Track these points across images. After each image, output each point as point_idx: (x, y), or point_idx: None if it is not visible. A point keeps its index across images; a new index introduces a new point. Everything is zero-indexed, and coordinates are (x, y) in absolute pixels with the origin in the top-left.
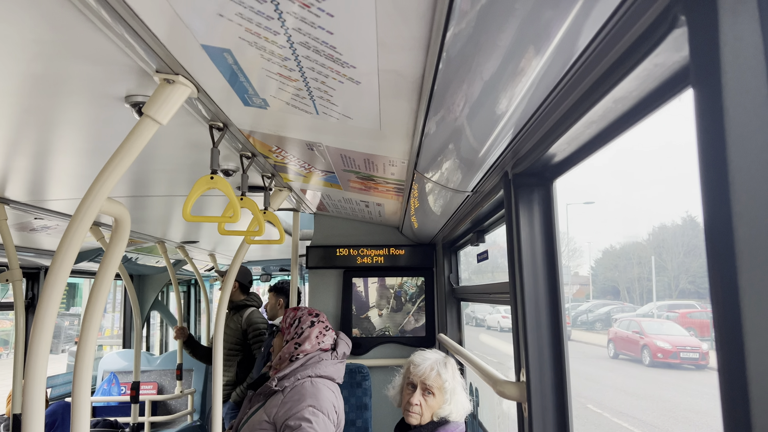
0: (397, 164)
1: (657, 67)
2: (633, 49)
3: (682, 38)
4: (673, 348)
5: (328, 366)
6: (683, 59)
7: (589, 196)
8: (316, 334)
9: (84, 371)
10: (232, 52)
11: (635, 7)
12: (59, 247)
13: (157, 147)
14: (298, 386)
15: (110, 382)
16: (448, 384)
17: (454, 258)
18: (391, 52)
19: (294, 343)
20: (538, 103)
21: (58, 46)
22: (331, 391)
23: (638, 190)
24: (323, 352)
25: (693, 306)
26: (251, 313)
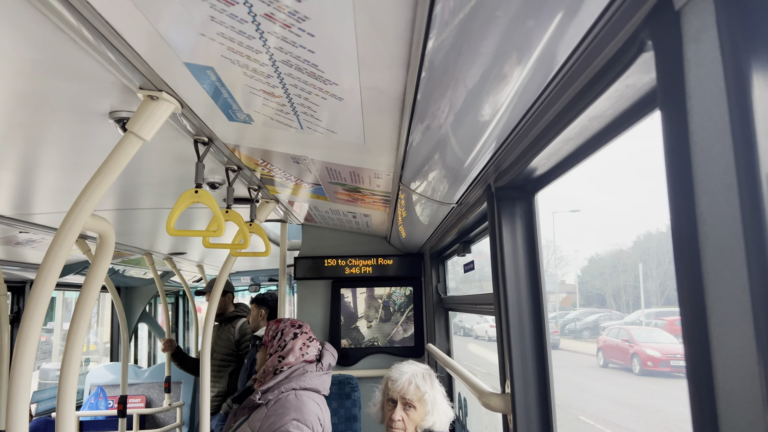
0: (383, 176)
1: (628, 88)
2: (605, 69)
3: (650, 62)
4: (663, 356)
5: (312, 378)
6: (652, 81)
7: (576, 204)
8: (299, 346)
9: (69, 385)
10: (215, 70)
11: (607, 29)
12: (44, 262)
13: (143, 161)
14: (282, 399)
15: (97, 395)
16: (428, 395)
17: (442, 268)
18: (372, 71)
19: (277, 357)
20: (518, 118)
21: (40, 64)
22: (315, 403)
23: (624, 198)
24: (308, 364)
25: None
26: (243, 324)
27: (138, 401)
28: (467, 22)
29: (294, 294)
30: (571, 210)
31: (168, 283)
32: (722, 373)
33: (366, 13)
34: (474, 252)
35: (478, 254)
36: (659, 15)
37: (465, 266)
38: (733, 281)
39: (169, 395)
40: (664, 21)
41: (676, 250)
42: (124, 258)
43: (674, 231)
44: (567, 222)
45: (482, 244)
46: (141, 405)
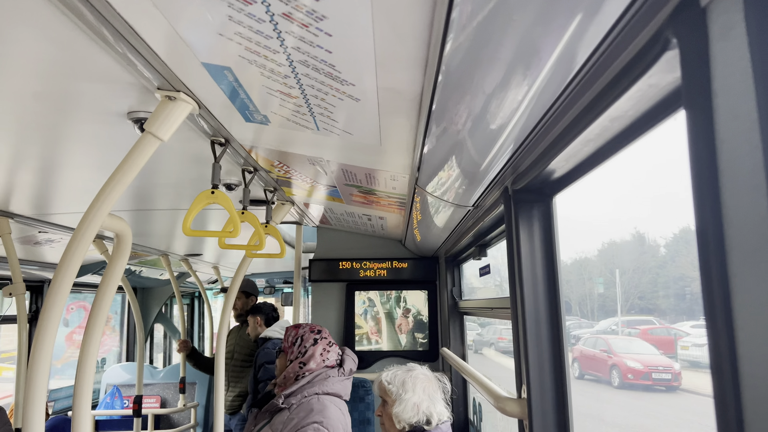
0: (399, 179)
1: (651, 88)
2: (627, 69)
3: (674, 60)
4: (645, 368)
5: (335, 383)
6: (676, 80)
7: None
8: (320, 352)
9: (85, 385)
10: (233, 70)
11: (629, 28)
12: (61, 261)
13: (160, 162)
14: (304, 403)
15: (113, 395)
16: (392, 386)
17: (457, 272)
18: (390, 71)
19: (298, 363)
20: (537, 119)
21: (61, 64)
22: (338, 408)
23: (589, 207)
24: (330, 369)
25: (651, 322)
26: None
27: (153, 401)
28: (485, 24)
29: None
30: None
31: (184, 285)
32: (750, 379)
33: (384, 13)
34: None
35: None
36: (684, 12)
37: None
38: (761, 284)
39: (184, 396)
40: (689, 18)
41: (701, 253)
42: (141, 259)
43: (699, 233)
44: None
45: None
46: (156, 405)
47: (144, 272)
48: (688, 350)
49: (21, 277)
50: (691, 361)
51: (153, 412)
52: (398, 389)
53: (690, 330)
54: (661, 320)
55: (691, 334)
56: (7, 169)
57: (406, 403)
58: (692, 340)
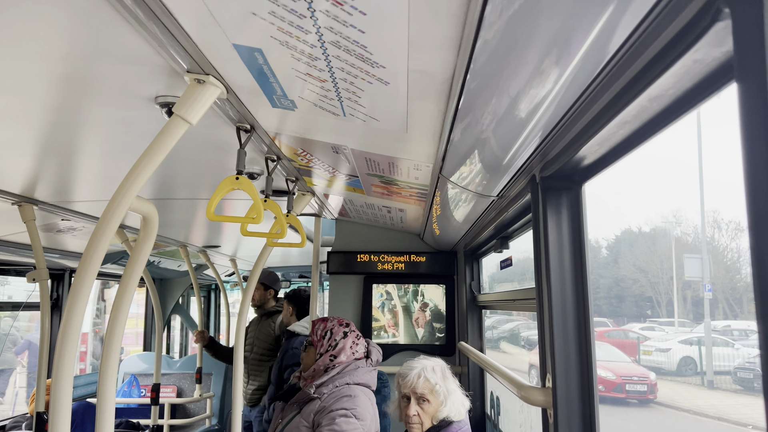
0: (422, 168)
1: (696, 63)
2: (671, 45)
3: (724, 32)
4: (618, 378)
5: (364, 373)
6: (725, 54)
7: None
8: (350, 345)
9: (109, 373)
10: (263, 52)
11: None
12: (88, 246)
13: (181, 149)
14: (336, 392)
15: (131, 384)
16: (439, 386)
17: (476, 266)
18: (422, 52)
19: (329, 356)
20: (569, 104)
21: (91, 46)
22: (367, 398)
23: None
24: (358, 360)
25: (605, 324)
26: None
27: (169, 391)
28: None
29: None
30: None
31: (201, 276)
32: None
33: None
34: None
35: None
36: None
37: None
38: None
39: (200, 386)
40: None
41: (754, 241)
42: (160, 249)
43: (752, 219)
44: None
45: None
46: (172, 394)
47: (162, 263)
48: (651, 355)
49: (44, 263)
50: (655, 367)
51: (169, 401)
52: (444, 389)
53: (641, 332)
54: (614, 322)
55: (651, 338)
56: (32, 155)
57: (453, 402)
58: (655, 344)
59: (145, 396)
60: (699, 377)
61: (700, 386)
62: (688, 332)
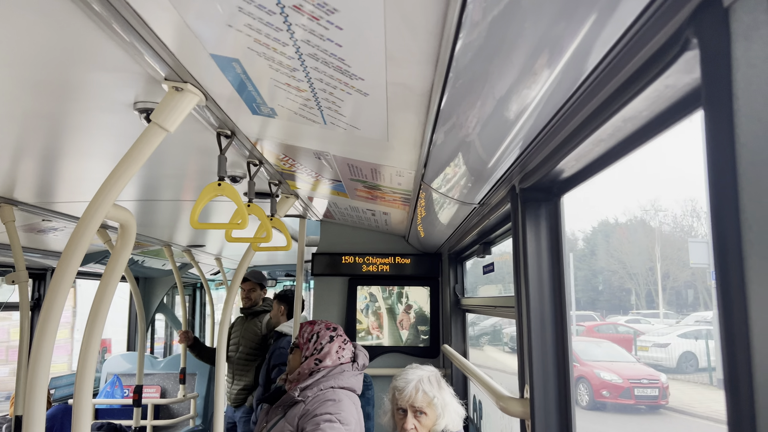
0: (404, 174)
1: (668, 89)
2: (643, 69)
3: (693, 61)
4: (625, 382)
5: (349, 377)
6: (694, 81)
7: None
8: (336, 349)
9: (87, 374)
10: (241, 62)
11: (647, 27)
12: (65, 250)
13: (165, 152)
14: (320, 395)
15: (113, 384)
16: (437, 399)
17: (460, 269)
18: (400, 66)
19: (314, 359)
20: (547, 119)
21: (68, 53)
22: (352, 403)
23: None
24: (344, 364)
25: (592, 318)
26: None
27: (153, 391)
28: (500, 20)
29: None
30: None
31: (186, 275)
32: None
33: (397, 6)
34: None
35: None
36: (706, 12)
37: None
38: None
39: (184, 386)
40: (711, 18)
41: (717, 258)
42: (144, 249)
43: (716, 238)
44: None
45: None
46: (156, 395)
47: (146, 262)
48: (648, 351)
49: (24, 265)
50: (653, 364)
51: (153, 401)
52: (441, 400)
53: (630, 325)
54: (600, 315)
55: (646, 332)
56: (11, 157)
57: (450, 413)
58: (651, 339)
59: (128, 396)
60: (705, 374)
61: (708, 385)
62: (692, 325)
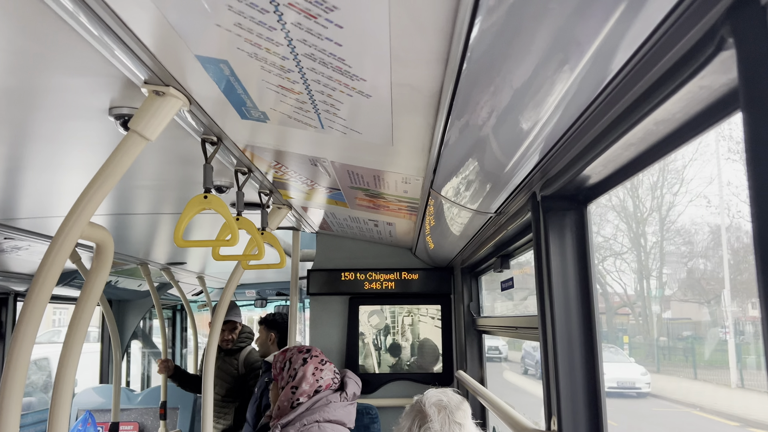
0: (411, 182)
1: (703, 90)
2: (675, 69)
3: (730, 61)
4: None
5: (337, 409)
6: (731, 82)
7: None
8: (311, 371)
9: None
10: (229, 63)
11: (679, 24)
12: (38, 273)
13: (142, 161)
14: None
15: (85, 421)
16: None
17: (475, 284)
18: (406, 66)
19: (290, 388)
20: (571, 120)
21: (37, 56)
22: None
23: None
24: (332, 394)
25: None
26: (249, 354)
27: (130, 428)
28: (516, 13)
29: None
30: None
31: (165, 296)
32: None
33: (402, 2)
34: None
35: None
36: (741, 10)
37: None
38: None
39: (165, 423)
40: (747, 16)
41: (760, 267)
42: (118, 268)
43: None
44: None
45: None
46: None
47: (120, 282)
48: None
49: None
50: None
51: None
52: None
53: None
54: None
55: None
56: None
57: None
58: None
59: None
60: None
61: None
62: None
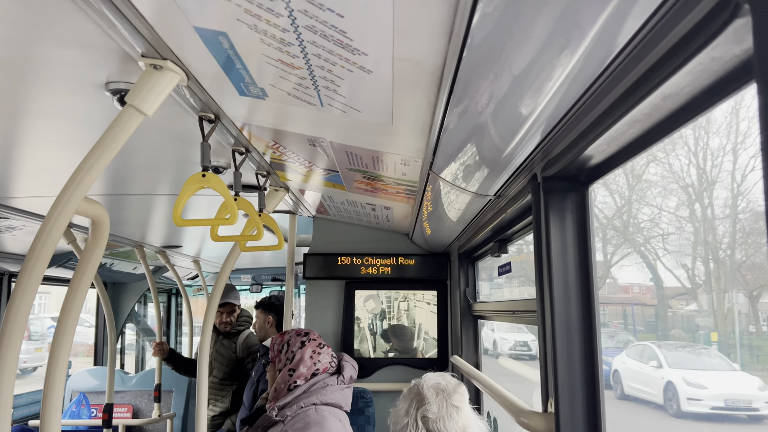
0: (410, 163)
1: (714, 61)
2: (686, 40)
3: (744, 29)
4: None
5: (334, 392)
6: (745, 53)
7: None
8: (309, 354)
9: (55, 392)
10: (228, 36)
11: None
12: (30, 252)
13: (137, 140)
14: (301, 414)
15: (79, 403)
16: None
17: (472, 270)
18: (409, 39)
19: (288, 371)
20: (574, 99)
21: (29, 27)
22: (338, 420)
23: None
24: (329, 377)
25: None
26: (248, 338)
27: (124, 411)
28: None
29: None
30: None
31: (160, 280)
32: None
33: None
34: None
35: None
36: None
37: (500, 268)
38: None
39: (159, 405)
40: None
41: None
42: (112, 250)
43: None
44: None
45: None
46: (128, 415)
47: (115, 265)
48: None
49: None
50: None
51: (124, 422)
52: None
53: None
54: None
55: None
56: None
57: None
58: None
59: (96, 417)
60: None
61: None
62: None
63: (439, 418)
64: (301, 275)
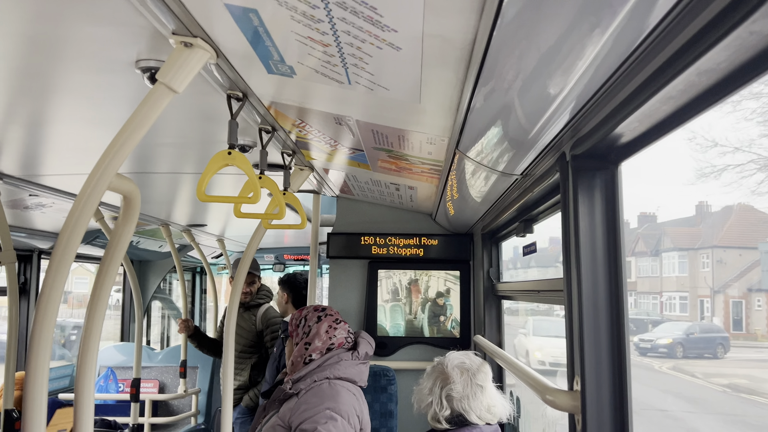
0: (436, 142)
1: (753, 35)
2: (724, 14)
3: None
4: None
5: (348, 367)
6: None
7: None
8: (325, 329)
9: (88, 366)
10: (259, 13)
11: None
12: (64, 227)
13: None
14: (314, 388)
15: (107, 378)
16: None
17: (495, 250)
18: (440, 15)
19: (304, 344)
20: (606, 76)
21: (62, 4)
22: (352, 394)
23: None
24: (344, 352)
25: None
26: (267, 311)
27: (150, 386)
28: None
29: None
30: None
31: (185, 258)
32: None
33: None
34: None
35: None
36: None
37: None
38: None
39: (185, 381)
40: None
41: None
42: (139, 228)
43: None
44: None
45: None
46: (154, 390)
47: (141, 243)
48: None
49: (11, 244)
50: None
51: (151, 397)
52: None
53: None
54: None
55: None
56: None
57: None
58: None
59: (124, 391)
60: None
61: None
62: None
63: (463, 397)
64: (325, 254)
